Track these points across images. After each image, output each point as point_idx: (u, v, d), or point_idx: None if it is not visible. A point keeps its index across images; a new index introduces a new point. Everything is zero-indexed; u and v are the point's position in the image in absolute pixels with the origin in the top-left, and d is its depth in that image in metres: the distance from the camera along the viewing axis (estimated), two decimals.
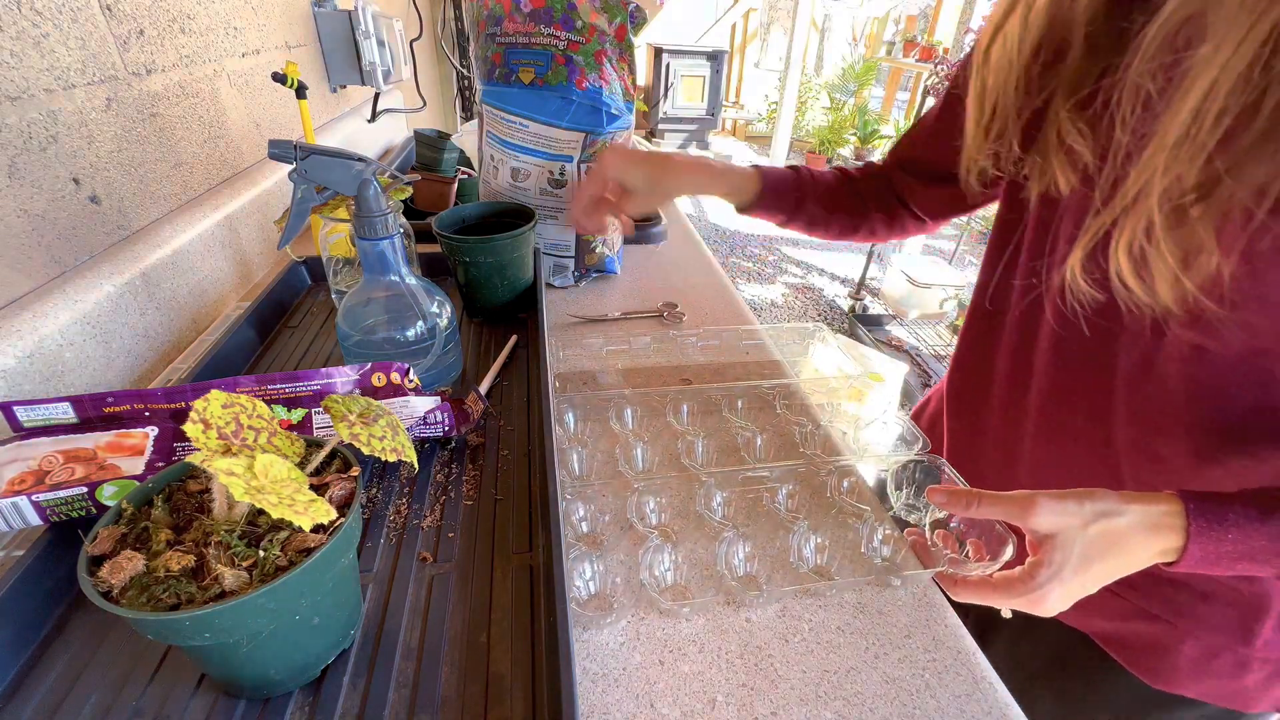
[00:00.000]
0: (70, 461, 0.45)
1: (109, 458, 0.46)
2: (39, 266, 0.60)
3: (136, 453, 0.47)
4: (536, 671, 0.39)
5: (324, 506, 0.32)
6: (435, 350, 0.61)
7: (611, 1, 0.76)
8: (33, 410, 0.47)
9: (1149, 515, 0.38)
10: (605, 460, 0.59)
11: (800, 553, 0.50)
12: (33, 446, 0.46)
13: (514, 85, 0.80)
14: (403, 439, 0.39)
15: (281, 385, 0.53)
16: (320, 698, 0.38)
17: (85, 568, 0.32)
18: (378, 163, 0.64)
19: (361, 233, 0.55)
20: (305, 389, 0.54)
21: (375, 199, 0.54)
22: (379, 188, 0.54)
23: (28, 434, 0.47)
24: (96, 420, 0.49)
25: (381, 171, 0.65)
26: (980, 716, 0.40)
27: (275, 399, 0.53)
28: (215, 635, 0.31)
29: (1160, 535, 0.38)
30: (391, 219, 0.56)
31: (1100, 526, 0.38)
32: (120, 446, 0.48)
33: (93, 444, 0.47)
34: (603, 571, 0.47)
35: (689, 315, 0.87)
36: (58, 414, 0.48)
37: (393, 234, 0.56)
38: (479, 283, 0.77)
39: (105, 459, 0.46)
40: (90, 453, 0.46)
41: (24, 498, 0.41)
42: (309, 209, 0.67)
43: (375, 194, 0.54)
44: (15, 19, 0.56)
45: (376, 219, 0.55)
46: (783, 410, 0.67)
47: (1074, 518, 0.39)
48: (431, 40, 2.24)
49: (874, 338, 2.81)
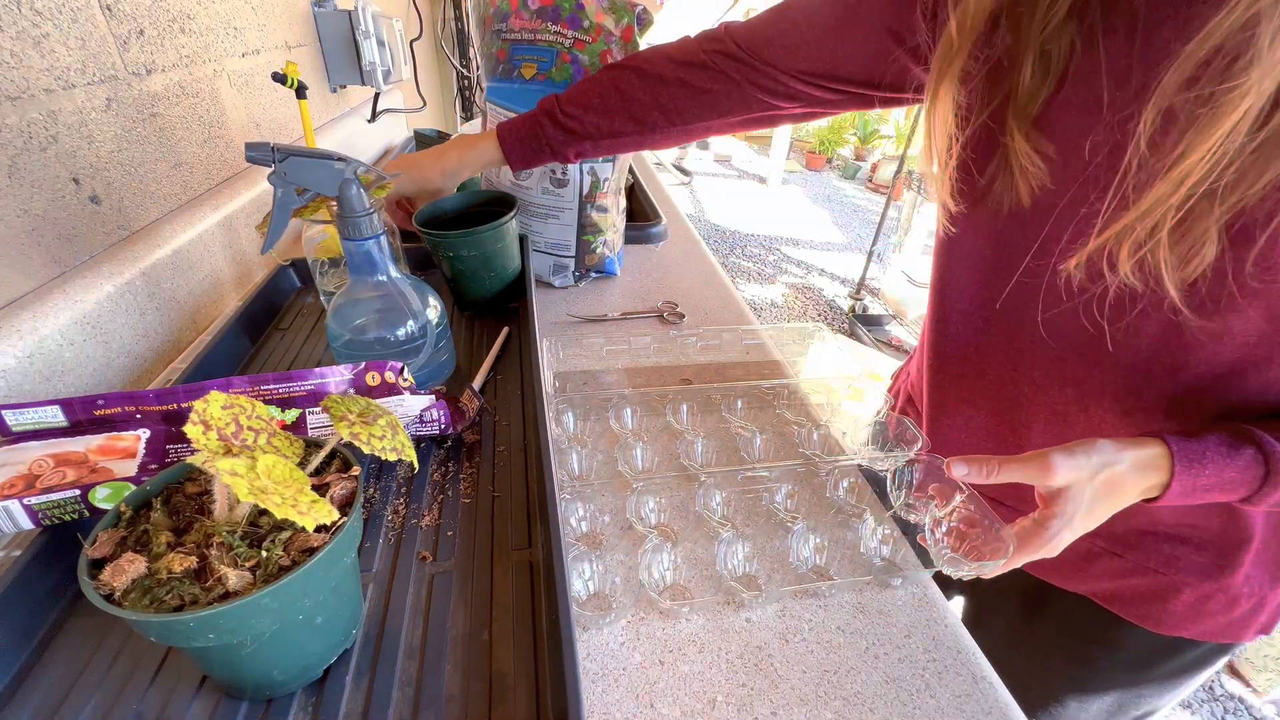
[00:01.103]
0: (61, 465, 0.45)
1: (100, 461, 0.46)
2: (39, 266, 0.60)
3: (128, 455, 0.47)
4: (539, 668, 0.39)
5: (326, 507, 0.32)
6: (427, 348, 0.61)
7: (619, 3, 0.76)
8: (21, 414, 0.47)
9: (1141, 458, 0.42)
10: (605, 460, 0.59)
11: (800, 553, 0.50)
12: (22, 450, 0.45)
13: (516, 81, 0.80)
14: (402, 438, 0.40)
15: (275, 385, 0.53)
16: (323, 698, 0.38)
17: (86, 571, 0.32)
18: (359, 161, 0.64)
19: (346, 233, 0.55)
20: (299, 389, 0.54)
21: (358, 198, 0.54)
22: (360, 187, 0.54)
23: (16, 438, 0.47)
24: (87, 423, 0.49)
25: (366, 171, 0.65)
26: (980, 716, 0.40)
27: (269, 399, 0.53)
28: (219, 636, 0.31)
29: (1148, 475, 0.42)
30: (376, 218, 0.55)
31: (1105, 475, 0.42)
32: (112, 449, 0.47)
33: (84, 447, 0.47)
34: (602, 571, 0.47)
35: (689, 315, 0.87)
36: (47, 417, 0.47)
37: (378, 233, 0.56)
38: (466, 276, 0.76)
39: (97, 462, 0.46)
40: (81, 456, 0.46)
41: (14, 501, 0.41)
42: (290, 212, 0.66)
43: (357, 193, 0.54)
44: (15, 19, 0.56)
45: (360, 219, 0.54)
46: (782, 410, 0.67)
47: (1084, 470, 0.42)
48: (431, 40, 2.24)
49: (874, 338, 2.81)
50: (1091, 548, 0.57)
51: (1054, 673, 0.65)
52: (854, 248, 4.10)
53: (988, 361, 0.56)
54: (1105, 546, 0.57)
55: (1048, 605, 0.64)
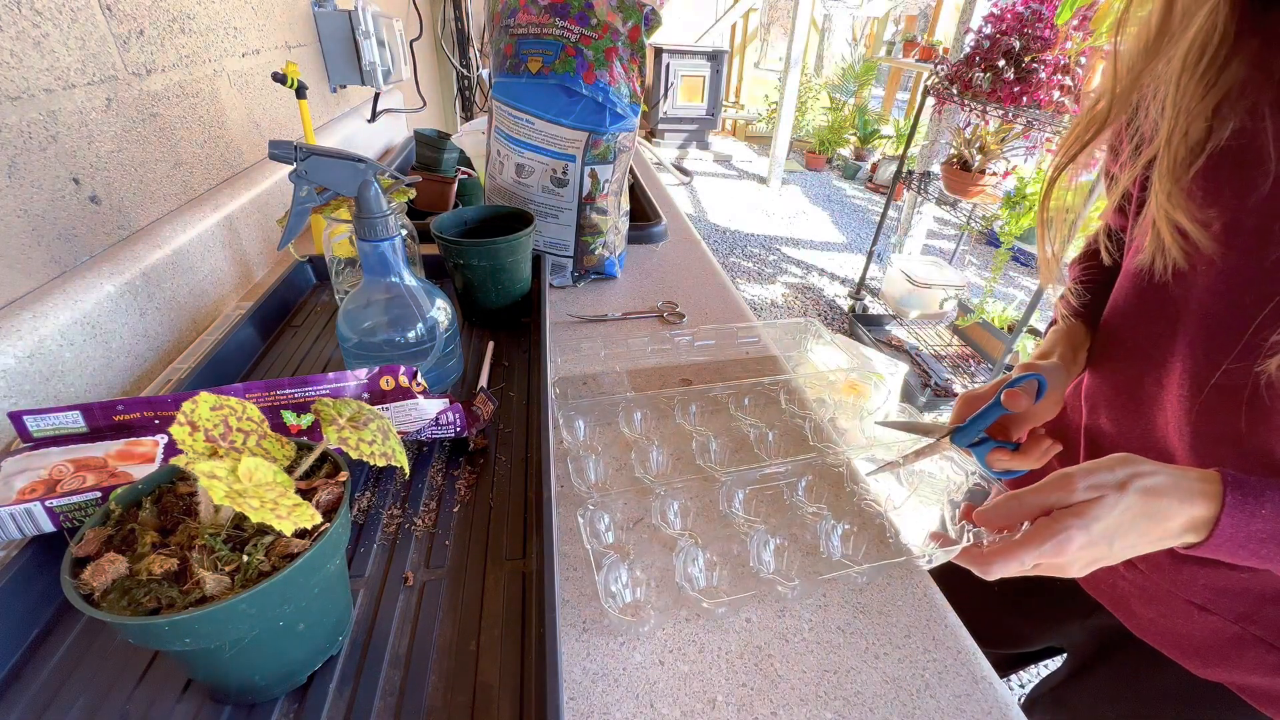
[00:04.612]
0: (81, 470, 0.45)
1: (120, 466, 0.46)
2: (39, 266, 0.60)
3: (147, 460, 0.47)
4: (525, 681, 0.39)
5: (308, 511, 0.32)
6: (435, 352, 0.61)
7: (629, 2, 0.77)
8: (43, 420, 0.47)
9: (1185, 479, 0.38)
10: (618, 466, 0.59)
11: (830, 542, 0.50)
12: (43, 456, 0.46)
13: (522, 75, 0.80)
14: (394, 443, 0.39)
15: (290, 390, 0.53)
16: (305, 705, 0.37)
17: (69, 569, 0.31)
18: (378, 163, 0.64)
19: (362, 234, 0.55)
20: (315, 394, 0.53)
21: (375, 200, 0.54)
22: (379, 189, 0.54)
23: (38, 444, 0.47)
24: (106, 429, 0.49)
25: (382, 172, 0.65)
26: (980, 716, 0.40)
27: (285, 404, 0.53)
28: (196, 640, 0.31)
29: (1193, 503, 0.37)
30: (392, 220, 0.56)
31: (1138, 487, 0.38)
32: (131, 455, 0.47)
33: (103, 453, 0.47)
34: (639, 578, 0.47)
35: (689, 315, 0.87)
36: (68, 423, 0.48)
37: (393, 235, 0.56)
38: (474, 286, 0.76)
39: (116, 467, 0.46)
40: (101, 461, 0.46)
41: (37, 503, 0.41)
42: (309, 210, 0.67)
43: (375, 195, 0.54)
44: (15, 19, 0.56)
45: (377, 220, 0.55)
46: (788, 405, 0.67)
47: (1110, 482, 0.38)
48: (431, 40, 2.24)
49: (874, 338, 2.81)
50: (1243, 635, 0.49)
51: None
52: (854, 248, 4.10)
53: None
54: (1259, 635, 0.48)
55: (1164, 683, 0.56)
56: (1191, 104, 0.41)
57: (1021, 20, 1.92)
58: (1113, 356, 0.54)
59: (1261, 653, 0.48)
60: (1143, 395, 0.51)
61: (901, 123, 5.46)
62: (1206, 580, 0.50)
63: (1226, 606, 0.49)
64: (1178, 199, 0.42)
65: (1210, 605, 0.50)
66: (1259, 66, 0.40)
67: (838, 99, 5.97)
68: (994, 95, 1.97)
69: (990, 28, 2.01)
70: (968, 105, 2.12)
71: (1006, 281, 3.62)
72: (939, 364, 2.58)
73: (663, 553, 0.49)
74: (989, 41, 2.00)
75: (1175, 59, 0.41)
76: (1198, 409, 0.46)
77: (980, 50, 2.03)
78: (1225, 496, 0.37)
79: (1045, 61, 1.86)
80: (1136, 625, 0.57)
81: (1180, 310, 0.47)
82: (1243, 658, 0.49)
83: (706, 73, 5.16)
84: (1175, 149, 0.42)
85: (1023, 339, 2.10)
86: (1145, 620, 0.56)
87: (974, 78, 2.03)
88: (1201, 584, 0.50)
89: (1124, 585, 0.57)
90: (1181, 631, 0.53)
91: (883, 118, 5.92)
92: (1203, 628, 0.50)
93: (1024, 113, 1.92)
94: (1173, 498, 0.38)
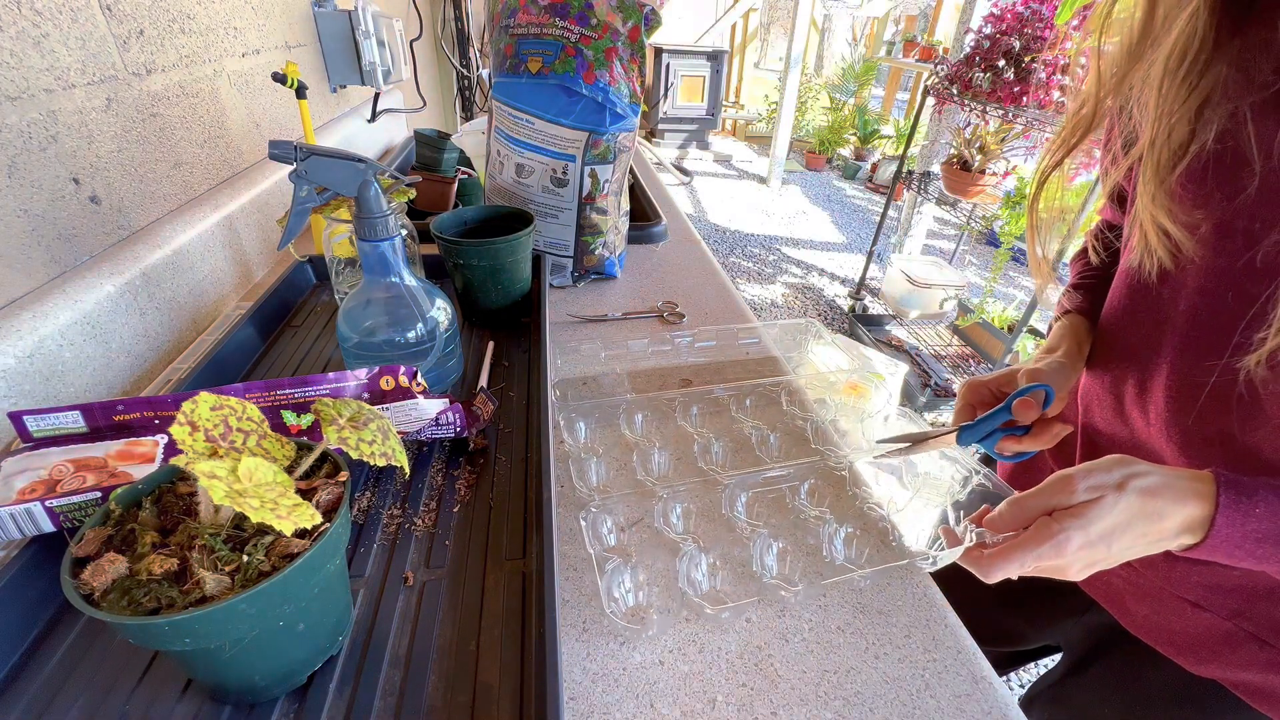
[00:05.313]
0: (81, 470, 0.45)
1: (120, 466, 0.46)
2: (39, 266, 0.60)
3: (147, 460, 0.47)
4: (525, 681, 0.39)
5: (308, 511, 0.32)
6: (434, 352, 0.61)
7: (629, 3, 0.77)
8: (42, 420, 0.47)
9: (1178, 479, 0.38)
10: (620, 468, 0.59)
11: (832, 546, 0.50)
12: (42, 456, 0.46)
13: (522, 75, 0.80)
14: (393, 444, 0.39)
15: (291, 390, 0.53)
16: (305, 705, 0.37)
17: (69, 569, 0.31)
18: (378, 164, 0.64)
19: (362, 234, 0.55)
20: (315, 394, 0.53)
21: (375, 200, 0.54)
22: (379, 189, 0.54)
23: (38, 444, 0.47)
24: (106, 429, 0.49)
25: (382, 173, 0.65)
26: (980, 716, 0.40)
27: (285, 404, 0.53)
28: (195, 641, 0.31)
29: (1187, 503, 0.37)
30: (392, 220, 0.56)
31: (1136, 486, 0.38)
32: (131, 455, 0.47)
33: (103, 453, 0.47)
34: (641, 582, 0.47)
35: (689, 315, 0.87)
36: (67, 423, 0.48)
37: (393, 235, 0.56)
38: (474, 286, 0.76)
39: (116, 467, 0.46)
40: (101, 461, 0.46)
41: (37, 503, 0.41)
42: (309, 210, 0.67)
43: (375, 195, 0.54)
44: (15, 19, 0.56)
45: (377, 220, 0.55)
46: (789, 407, 0.67)
47: (1108, 484, 0.39)
48: (431, 40, 2.24)
49: (874, 338, 2.81)
50: (1236, 631, 0.49)
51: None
52: (854, 248, 4.10)
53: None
54: (1252, 631, 0.49)
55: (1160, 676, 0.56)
56: (1174, 107, 0.41)
57: (1021, 20, 1.92)
58: (1106, 356, 0.55)
59: (1255, 649, 0.49)
60: (1132, 395, 0.51)
61: (901, 123, 5.46)
62: (1200, 577, 0.50)
63: (1220, 603, 0.50)
64: (1162, 201, 0.43)
65: (1204, 602, 0.50)
66: (1240, 69, 0.40)
67: (838, 99, 5.97)
68: (994, 95, 1.97)
69: (990, 28, 2.01)
70: (968, 105, 2.12)
71: (1006, 281, 3.62)
72: (939, 364, 2.58)
73: (665, 555, 0.49)
74: (989, 41, 2.00)
75: (1157, 63, 0.41)
76: (1186, 410, 0.46)
77: (980, 50, 2.03)
78: (1219, 496, 0.37)
79: (1045, 61, 1.86)
80: (1131, 622, 0.57)
81: (1169, 311, 0.47)
82: (1236, 654, 0.50)
83: (706, 73, 5.16)
84: (1159, 151, 0.43)
85: (1023, 339, 2.10)
86: (1140, 617, 0.56)
87: (974, 78, 2.03)
88: (1195, 581, 0.50)
89: (1118, 582, 0.57)
90: (1175, 628, 0.53)
91: (883, 118, 5.92)
92: (1196, 624, 0.50)
93: (1024, 113, 1.92)
94: (1167, 498, 0.38)
